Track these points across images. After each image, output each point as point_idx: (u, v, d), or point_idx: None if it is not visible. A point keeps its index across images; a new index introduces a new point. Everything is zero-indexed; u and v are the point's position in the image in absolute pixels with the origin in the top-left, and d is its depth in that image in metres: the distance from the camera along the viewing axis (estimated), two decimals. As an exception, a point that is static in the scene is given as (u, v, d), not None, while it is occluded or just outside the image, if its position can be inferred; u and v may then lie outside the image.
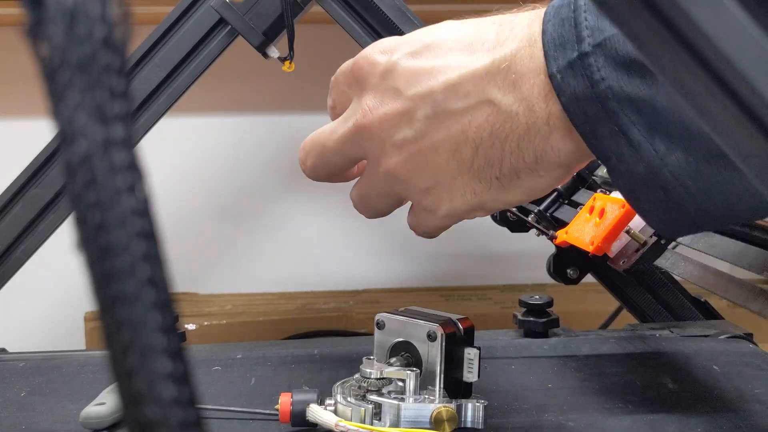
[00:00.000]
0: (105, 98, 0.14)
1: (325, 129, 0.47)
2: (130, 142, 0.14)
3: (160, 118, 0.69)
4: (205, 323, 0.98)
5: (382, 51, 0.44)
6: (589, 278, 0.71)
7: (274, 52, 0.69)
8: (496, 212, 0.46)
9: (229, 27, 0.68)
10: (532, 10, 0.42)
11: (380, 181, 0.45)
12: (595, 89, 0.37)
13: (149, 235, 0.15)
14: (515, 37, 0.40)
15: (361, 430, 0.42)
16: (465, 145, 0.41)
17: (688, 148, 0.36)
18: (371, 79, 0.44)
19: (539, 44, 0.39)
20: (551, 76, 0.38)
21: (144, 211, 0.15)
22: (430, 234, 0.48)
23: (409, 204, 0.47)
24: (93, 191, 0.14)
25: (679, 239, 0.60)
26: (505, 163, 0.41)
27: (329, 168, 0.48)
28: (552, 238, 0.60)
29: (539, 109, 0.39)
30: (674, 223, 0.39)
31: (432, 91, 0.42)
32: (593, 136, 0.38)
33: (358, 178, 0.49)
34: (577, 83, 0.37)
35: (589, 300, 0.96)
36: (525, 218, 0.65)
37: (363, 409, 0.43)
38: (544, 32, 0.39)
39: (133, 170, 0.14)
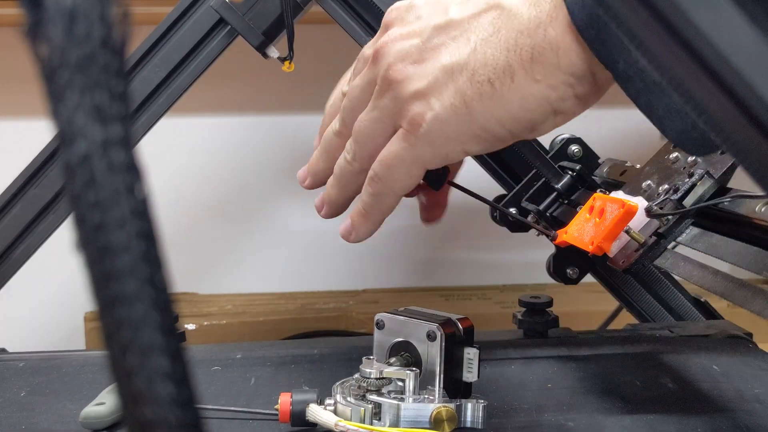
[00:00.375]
0: (104, 98, 0.14)
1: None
2: (129, 143, 0.14)
3: (159, 118, 0.69)
4: (205, 323, 0.98)
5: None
6: (589, 278, 0.71)
7: (273, 52, 0.69)
8: (486, 143, 0.42)
9: (229, 27, 0.68)
10: None
11: (375, 100, 0.44)
12: None
13: (148, 235, 0.15)
14: None
15: (360, 430, 0.42)
16: (466, 45, 0.41)
17: None
18: (397, 15, 0.45)
19: None
20: None
21: (143, 211, 0.15)
22: (407, 167, 0.44)
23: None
24: (92, 191, 0.14)
25: (679, 239, 0.60)
26: (500, 62, 0.40)
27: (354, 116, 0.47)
28: (552, 238, 0.60)
29: (544, 3, 0.38)
30: (692, 131, 0.37)
31: (447, 7, 0.43)
32: (599, 40, 0.37)
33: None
34: None
35: (589, 300, 0.96)
36: (524, 219, 0.65)
37: (363, 409, 0.43)
38: None
39: (132, 170, 0.14)
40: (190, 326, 0.96)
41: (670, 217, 0.53)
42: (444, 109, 0.41)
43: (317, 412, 0.44)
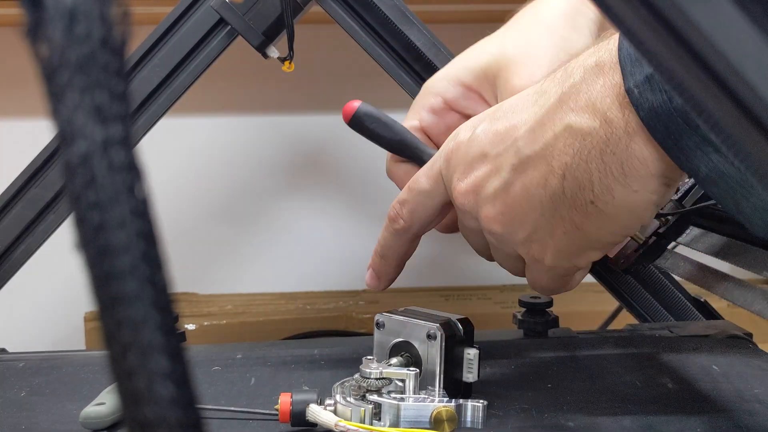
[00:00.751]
0: (104, 98, 0.14)
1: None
2: (129, 142, 0.14)
3: (159, 118, 0.69)
4: (205, 323, 0.98)
5: (465, 129, 0.47)
6: (589, 278, 0.71)
7: (273, 52, 0.69)
8: (607, 251, 0.45)
9: (229, 27, 0.68)
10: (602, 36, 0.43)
11: (492, 240, 0.47)
12: (674, 103, 0.36)
13: (149, 235, 0.15)
14: (583, 63, 0.41)
15: (360, 430, 0.42)
16: (552, 175, 0.42)
17: None
18: (459, 156, 0.47)
19: (613, 61, 0.39)
20: (628, 92, 0.38)
21: (143, 211, 0.15)
22: (552, 289, 0.48)
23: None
24: (92, 191, 0.14)
25: (679, 239, 0.60)
26: (595, 182, 0.40)
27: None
28: None
29: (616, 119, 0.39)
30: None
31: (515, 141, 0.43)
32: (678, 149, 0.37)
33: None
34: (655, 97, 0.37)
35: (589, 300, 0.96)
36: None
37: (363, 409, 0.43)
38: (620, 48, 0.39)
39: (133, 170, 0.14)
40: (190, 326, 0.96)
41: (670, 217, 0.53)
42: (559, 241, 0.43)
43: (317, 413, 0.44)
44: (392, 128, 0.55)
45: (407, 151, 0.55)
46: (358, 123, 0.55)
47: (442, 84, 0.57)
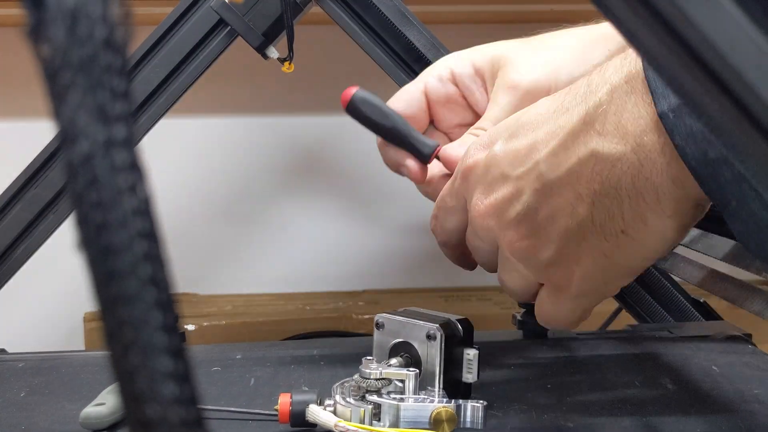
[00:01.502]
0: (106, 99, 0.14)
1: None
2: (131, 142, 0.14)
3: (159, 118, 0.69)
4: (205, 324, 0.98)
5: (482, 146, 0.46)
6: (589, 279, 0.71)
7: (273, 53, 0.69)
8: (638, 274, 0.43)
9: (229, 28, 0.68)
10: (623, 54, 0.40)
11: (509, 265, 0.46)
12: None
13: (150, 235, 0.15)
14: (607, 80, 0.39)
15: (360, 430, 0.42)
16: (579, 203, 0.40)
17: None
18: (477, 175, 0.45)
19: (639, 79, 0.37)
20: (662, 116, 0.36)
21: (145, 210, 0.15)
22: (568, 322, 0.46)
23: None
24: (94, 191, 0.14)
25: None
26: (626, 211, 0.38)
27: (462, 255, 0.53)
28: None
29: (650, 142, 0.36)
30: None
31: (536, 163, 0.41)
32: (713, 179, 0.35)
33: None
34: (693, 122, 0.35)
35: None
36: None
37: (362, 409, 0.43)
38: (645, 69, 0.37)
39: (135, 170, 0.14)
40: (190, 327, 0.96)
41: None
42: (587, 269, 0.42)
43: (317, 413, 0.44)
44: (387, 115, 0.55)
45: (399, 139, 0.56)
46: (354, 108, 0.56)
47: (455, 59, 0.57)
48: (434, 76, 0.57)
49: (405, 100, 0.58)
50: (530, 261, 0.44)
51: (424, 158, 0.55)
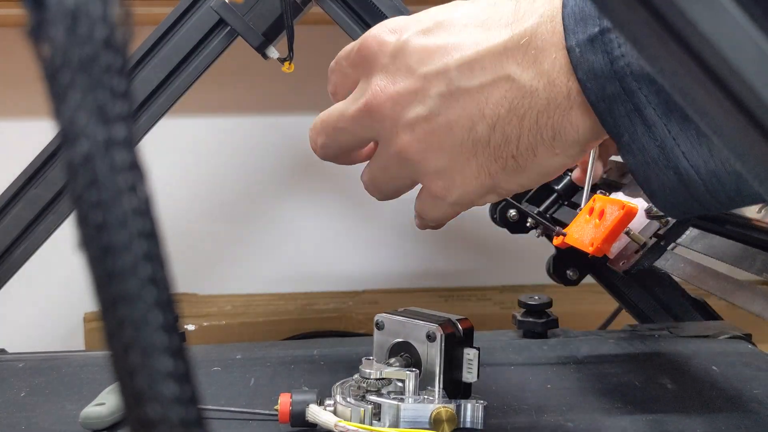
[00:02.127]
0: (106, 98, 0.14)
1: (335, 108, 0.46)
2: (131, 142, 0.14)
3: (160, 118, 0.69)
4: (205, 324, 0.98)
5: (391, 30, 0.43)
6: (589, 279, 0.71)
7: (273, 53, 0.69)
8: (506, 196, 0.44)
9: (229, 28, 0.68)
10: None
11: (392, 163, 0.44)
12: (614, 65, 0.36)
13: (150, 235, 0.15)
14: (535, 11, 0.39)
15: (360, 430, 0.42)
16: (481, 122, 0.40)
17: (702, 130, 0.35)
18: (381, 58, 0.43)
19: (560, 18, 0.38)
20: (569, 50, 0.37)
21: (145, 210, 0.15)
22: (437, 222, 0.46)
23: (417, 189, 0.46)
24: (95, 191, 0.14)
25: (679, 240, 0.60)
26: (522, 141, 0.40)
27: (340, 147, 0.47)
28: (558, 234, 0.59)
29: (560, 84, 0.38)
30: (681, 204, 0.38)
31: (446, 68, 0.41)
32: (609, 113, 0.37)
33: (368, 161, 0.47)
34: (596, 58, 0.36)
35: (589, 301, 0.96)
36: (532, 214, 0.65)
37: (362, 409, 0.43)
38: (564, 5, 0.38)
39: (135, 170, 0.14)
40: (190, 327, 0.96)
41: (670, 218, 0.53)
42: (468, 183, 0.42)
43: (317, 413, 0.44)
44: None
45: None
46: None
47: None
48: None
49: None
50: (416, 167, 0.43)
51: None
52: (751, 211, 0.50)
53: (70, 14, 0.14)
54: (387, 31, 0.44)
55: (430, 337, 0.45)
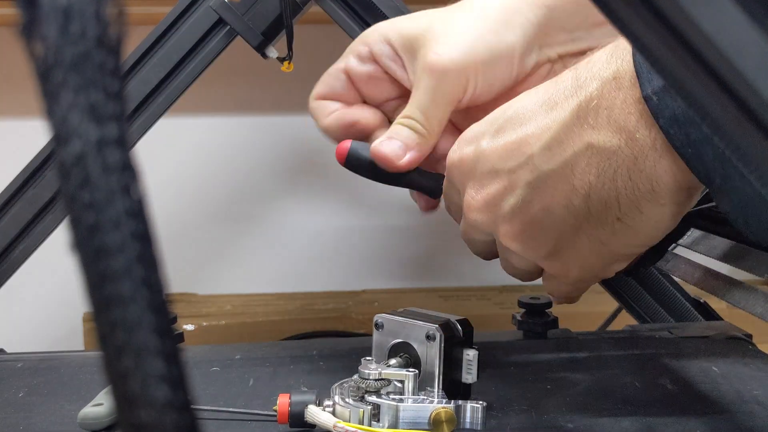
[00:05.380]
0: (99, 98, 0.14)
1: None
2: (124, 142, 0.14)
3: (158, 118, 0.69)
4: (204, 324, 0.98)
5: (467, 141, 0.46)
6: (589, 279, 0.70)
7: (272, 52, 0.68)
8: (633, 260, 0.44)
9: (228, 27, 0.68)
10: (609, 46, 0.40)
11: (508, 255, 0.46)
12: None
13: (144, 236, 0.14)
14: (595, 74, 0.39)
15: (359, 431, 0.42)
16: (574, 195, 0.40)
17: None
18: (466, 172, 0.45)
19: (628, 71, 0.38)
20: (646, 99, 0.37)
21: (138, 211, 0.15)
22: (570, 299, 0.48)
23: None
24: (87, 192, 0.14)
25: (680, 241, 0.60)
26: (622, 200, 0.39)
27: (479, 252, 0.52)
28: None
29: (642, 137, 0.38)
30: None
31: (528, 157, 0.42)
32: (697, 158, 0.36)
33: None
34: (675, 104, 0.36)
35: (588, 301, 0.95)
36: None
37: (361, 410, 0.43)
38: (634, 55, 0.37)
39: (128, 170, 0.14)
40: (189, 327, 0.96)
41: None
42: (585, 257, 0.43)
43: (316, 413, 0.44)
44: None
45: (407, 181, 0.54)
46: (353, 162, 0.54)
47: (374, 37, 0.55)
48: (354, 55, 0.56)
49: (326, 82, 0.57)
50: (528, 254, 0.45)
51: (435, 195, 0.55)
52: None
53: (63, 12, 0.14)
54: (464, 145, 0.46)
55: (430, 338, 0.45)
